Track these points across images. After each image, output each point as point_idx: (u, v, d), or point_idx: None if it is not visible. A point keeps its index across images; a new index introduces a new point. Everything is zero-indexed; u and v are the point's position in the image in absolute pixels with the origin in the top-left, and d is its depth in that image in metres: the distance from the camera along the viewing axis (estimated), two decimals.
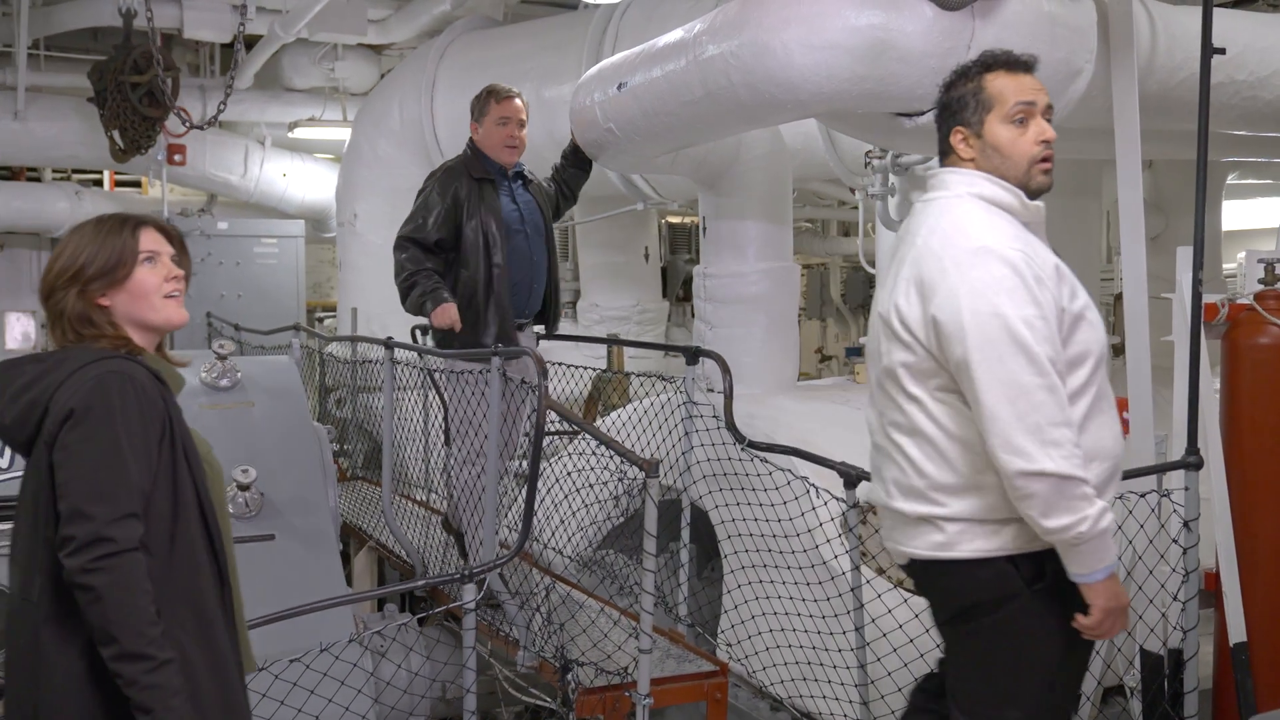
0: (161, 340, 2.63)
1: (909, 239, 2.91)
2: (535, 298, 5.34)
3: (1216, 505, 4.36)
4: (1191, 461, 4.05)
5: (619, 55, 5.38)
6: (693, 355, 5.13)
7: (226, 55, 11.13)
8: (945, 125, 2.96)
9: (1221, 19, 4.58)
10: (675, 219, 12.68)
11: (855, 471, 4.22)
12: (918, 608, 4.26)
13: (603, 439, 4.18)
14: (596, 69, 5.49)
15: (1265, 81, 5.41)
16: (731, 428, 4.87)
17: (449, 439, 5.43)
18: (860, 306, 14.99)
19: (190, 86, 10.77)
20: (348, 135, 9.91)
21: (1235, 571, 4.35)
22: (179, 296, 2.58)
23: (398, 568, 6.19)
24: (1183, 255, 4.41)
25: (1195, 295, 4.25)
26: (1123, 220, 4.65)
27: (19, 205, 11.48)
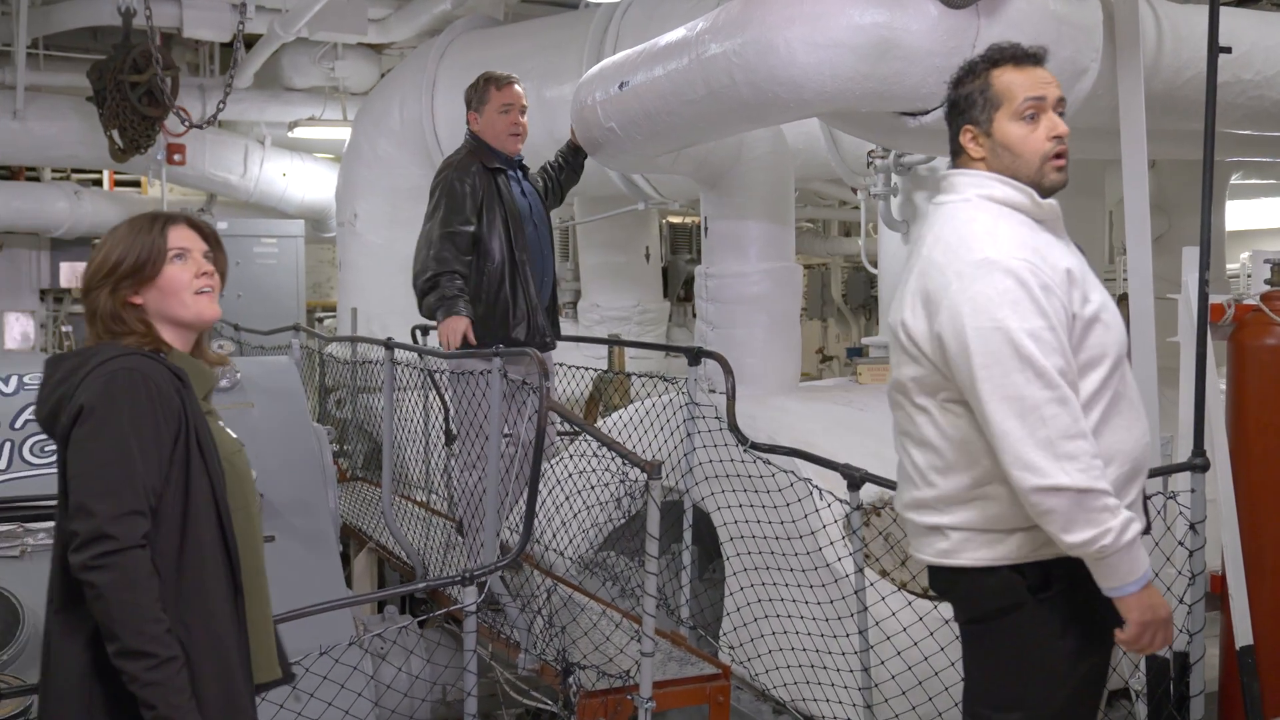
0: (200, 337, 2.63)
1: (917, 247, 2.86)
2: (545, 291, 5.25)
3: (1223, 507, 4.33)
4: (1197, 463, 4.03)
5: (620, 54, 5.35)
6: (694, 356, 5.10)
7: (226, 54, 11.12)
8: (955, 124, 2.88)
9: (1228, 18, 4.55)
10: (676, 219, 12.65)
11: (858, 473, 4.21)
12: (921, 610, 4.25)
13: (604, 440, 4.16)
14: (598, 68, 5.45)
15: (1271, 81, 5.40)
16: (734, 429, 4.84)
17: (449, 440, 5.40)
18: (861, 307, 14.96)
19: (190, 86, 10.77)
20: (348, 135, 9.91)
21: (1242, 574, 4.32)
22: (211, 292, 2.58)
23: (398, 569, 6.17)
24: (1189, 256, 4.37)
25: (1201, 296, 4.22)
26: (1128, 221, 4.62)
27: (18, 205, 11.48)
